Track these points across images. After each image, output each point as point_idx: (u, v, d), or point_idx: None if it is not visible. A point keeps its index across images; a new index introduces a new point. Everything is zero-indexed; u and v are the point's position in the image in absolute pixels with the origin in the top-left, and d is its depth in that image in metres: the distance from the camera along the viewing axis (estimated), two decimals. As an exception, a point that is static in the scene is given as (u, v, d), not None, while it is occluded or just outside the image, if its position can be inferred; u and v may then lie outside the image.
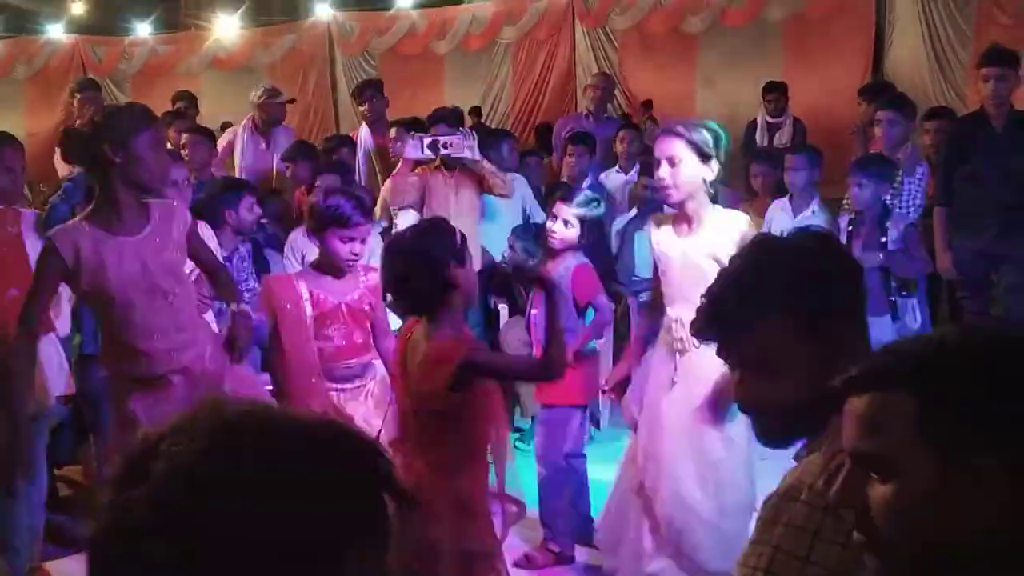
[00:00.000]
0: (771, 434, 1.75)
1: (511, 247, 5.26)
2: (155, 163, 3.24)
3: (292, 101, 7.87)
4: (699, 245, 3.61)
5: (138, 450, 0.94)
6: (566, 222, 4.19)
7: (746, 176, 6.73)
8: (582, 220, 4.21)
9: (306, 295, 3.62)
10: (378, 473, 0.98)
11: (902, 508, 1.17)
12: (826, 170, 6.17)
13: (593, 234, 4.37)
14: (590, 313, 4.27)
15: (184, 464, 0.91)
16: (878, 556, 1.22)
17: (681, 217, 3.68)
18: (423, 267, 2.86)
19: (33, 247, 4.17)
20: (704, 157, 3.59)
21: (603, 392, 4.58)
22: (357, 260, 3.69)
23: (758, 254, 1.84)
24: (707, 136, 3.61)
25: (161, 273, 3.27)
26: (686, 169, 3.58)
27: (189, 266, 3.56)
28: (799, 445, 1.72)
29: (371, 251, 4.35)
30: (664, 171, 3.62)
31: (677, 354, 3.68)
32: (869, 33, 10.12)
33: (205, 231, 4.24)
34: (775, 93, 8.48)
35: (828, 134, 8.18)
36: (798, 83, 8.95)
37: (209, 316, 4.27)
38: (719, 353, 1.79)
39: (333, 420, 1.11)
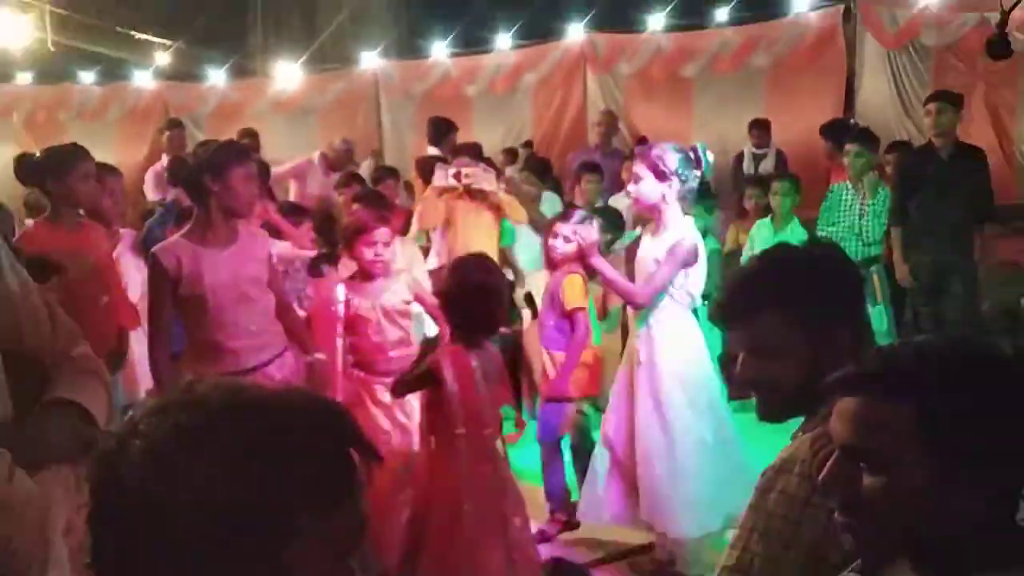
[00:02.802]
0: (770, 410, 1.76)
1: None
2: (245, 193, 3.31)
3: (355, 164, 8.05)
4: (655, 247, 3.72)
5: (122, 428, 0.93)
6: (565, 238, 4.20)
7: (740, 199, 6.77)
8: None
9: (341, 300, 3.67)
10: (343, 432, 0.96)
11: (892, 500, 1.15)
12: (804, 194, 6.20)
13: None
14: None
15: (156, 440, 0.89)
16: (857, 538, 1.21)
17: (651, 223, 3.83)
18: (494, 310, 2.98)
19: (129, 262, 4.27)
20: (660, 175, 3.65)
21: None
22: (380, 259, 3.71)
23: (770, 257, 1.85)
24: (670, 157, 3.66)
25: (247, 282, 3.33)
26: (644, 186, 3.68)
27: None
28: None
29: (409, 262, 4.39)
30: (631, 186, 3.77)
31: (640, 338, 3.76)
32: (841, 77, 10.08)
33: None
34: (759, 129, 8.52)
35: (806, 164, 8.18)
36: (779, 120, 8.97)
37: None
38: (731, 338, 1.80)
39: (299, 389, 1.09)
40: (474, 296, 2.96)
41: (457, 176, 5.43)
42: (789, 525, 1.52)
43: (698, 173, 3.77)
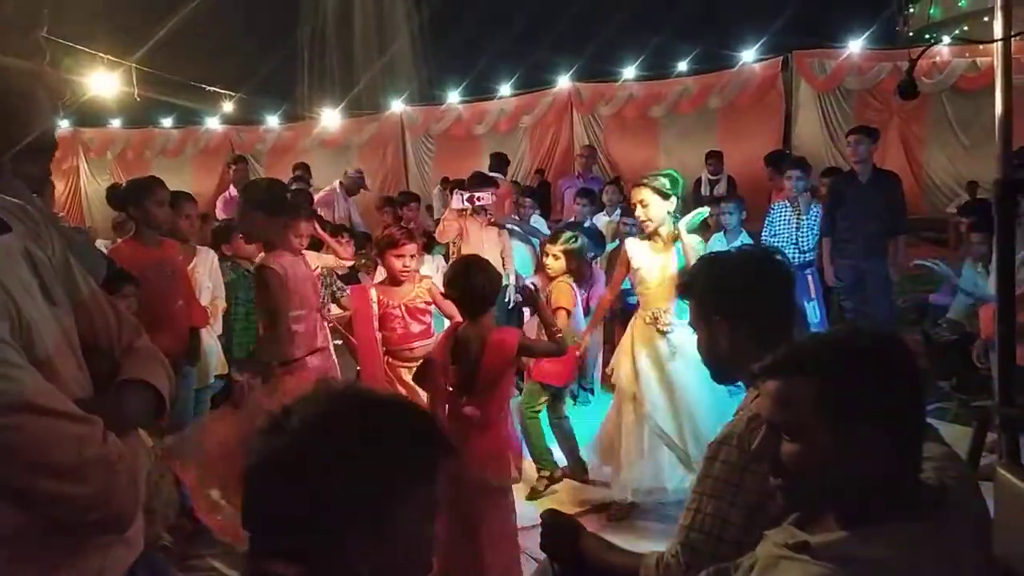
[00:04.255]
0: (712, 374, 1.80)
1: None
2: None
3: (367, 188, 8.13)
4: (671, 258, 3.65)
5: (279, 413, 1.01)
6: (554, 256, 4.18)
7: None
8: (568, 253, 4.17)
9: (375, 299, 3.68)
10: (433, 433, 1.04)
11: (805, 464, 1.16)
12: (750, 211, 6.17)
13: (577, 258, 4.27)
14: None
15: (309, 421, 0.98)
16: (786, 496, 1.22)
17: (657, 238, 3.70)
18: (489, 285, 2.94)
19: (203, 272, 4.26)
20: (664, 196, 3.63)
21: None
22: (409, 271, 3.73)
23: (711, 258, 1.92)
24: (664, 181, 3.64)
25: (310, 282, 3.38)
26: (653, 208, 3.62)
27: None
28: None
29: (434, 271, 4.38)
30: (639, 212, 3.67)
31: (666, 335, 3.65)
32: (780, 116, 10.11)
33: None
34: (714, 158, 8.48)
35: (752, 187, 8.16)
36: (730, 151, 8.95)
37: None
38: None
39: (403, 396, 1.17)
40: (467, 276, 2.93)
41: (471, 199, 5.47)
42: (731, 488, 1.51)
43: (679, 193, 3.74)
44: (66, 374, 1.31)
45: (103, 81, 8.46)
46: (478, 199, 5.44)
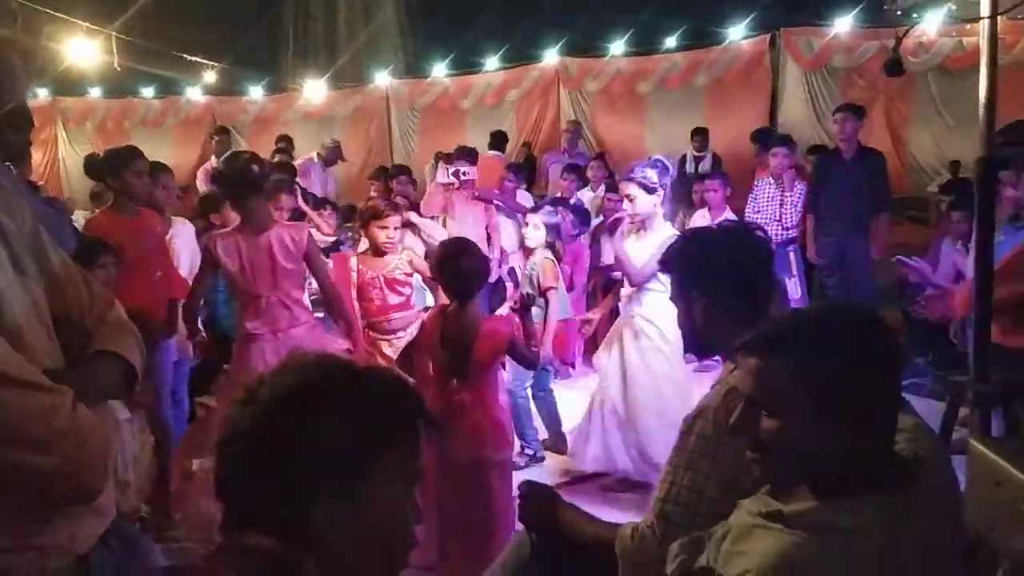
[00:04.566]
0: (691, 347, 1.82)
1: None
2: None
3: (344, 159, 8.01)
4: (642, 246, 3.66)
5: (252, 383, 1.00)
6: (535, 226, 4.22)
7: (688, 193, 6.76)
8: (547, 225, 4.25)
9: (354, 267, 3.67)
10: (413, 404, 1.03)
11: (784, 439, 1.18)
12: (735, 188, 6.18)
13: (552, 233, 4.35)
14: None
15: (278, 391, 0.97)
16: (763, 469, 1.24)
17: (639, 228, 3.73)
18: (478, 270, 2.93)
19: (182, 244, 4.21)
20: (650, 191, 3.63)
21: (579, 332, 4.60)
22: (392, 242, 3.71)
23: (692, 234, 1.95)
24: (651, 174, 3.64)
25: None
26: (640, 203, 3.63)
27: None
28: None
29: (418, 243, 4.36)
30: (627, 205, 3.68)
31: (634, 316, 3.69)
32: (767, 93, 10.06)
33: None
34: (700, 135, 8.46)
35: (737, 164, 8.15)
36: (716, 128, 8.91)
37: None
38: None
39: (385, 368, 1.17)
40: (455, 260, 2.92)
41: (456, 174, 5.45)
42: (706, 460, 1.53)
43: (667, 181, 3.74)
44: (35, 344, 1.30)
45: (82, 49, 8.31)
46: (464, 173, 5.43)
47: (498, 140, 8.43)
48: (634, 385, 3.65)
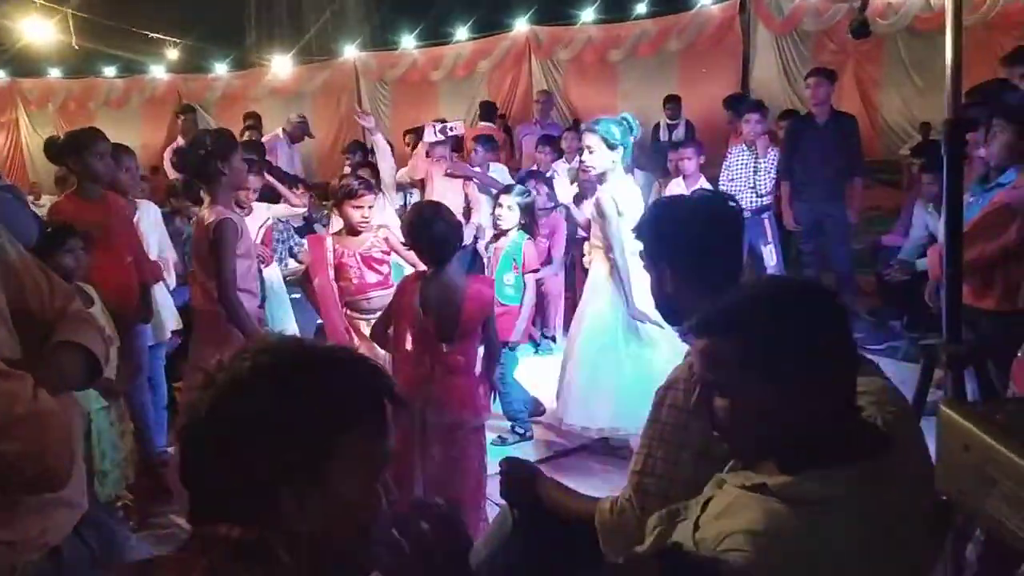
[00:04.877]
0: (661, 313, 1.81)
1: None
2: (243, 173, 3.27)
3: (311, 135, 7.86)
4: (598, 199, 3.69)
5: (211, 367, 0.98)
6: (508, 207, 4.21)
7: (664, 162, 6.75)
8: (520, 205, 4.23)
9: (330, 248, 3.63)
10: (378, 385, 1.01)
11: (737, 417, 1.19)
12: (709, 155, 6.18)
13: (527, 214, 4.34)
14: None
15: (236, 375, 0.95)
16: (728, 443, 1.26)
17: (588, 184, 3.79)
18: (452, 233, 2.93)
19: (149, 226, 4.14)
20: (611, 146, 3.61)
21: None
22: (367, 221, 3.68)
23: (663, 203, 1.94)
24: (614, 130, 3.61)
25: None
26: (597, 155, 3.61)
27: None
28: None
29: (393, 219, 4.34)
30: (585, 156, 3.67)
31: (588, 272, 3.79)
32: (738, 59, 10.06)
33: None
34: (673, 103, 8.43)
35: (710, 131, 8.15)
36: (689, 95, 8.90)
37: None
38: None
39: (349, 348, 1.14)
40: (428, 225, 2.92)
41: (443, 130, 5.43)
42: (679, 430, 1.53)
43: (630, 140, 3.72)
44: None
45: (38, 28, 8.08)
46: (451, 128, 5.42)
47: (488, 111, 8.31)
48: (584, 337, 3.71)
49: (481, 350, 3.13)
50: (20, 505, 1.29)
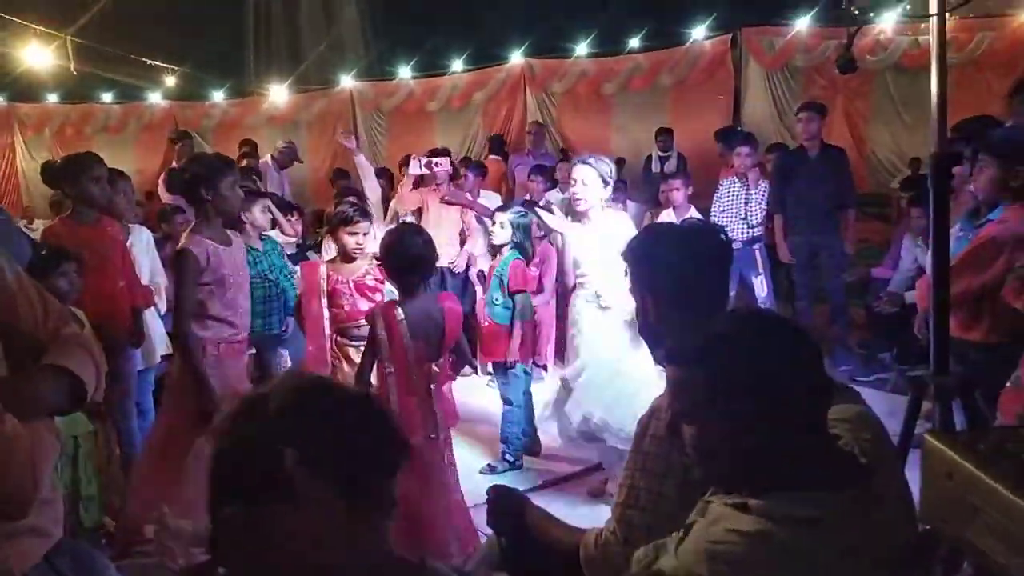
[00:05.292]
0: (645, 339, 1.80)
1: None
2: (233, 198, 3.17)
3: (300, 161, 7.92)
4: (590, 232, 3.70)
5: (254, 396, 1.05)
6: (502, 224, 4.23)
7: (655, 192, 6.80)
8: (513, 224, 4.25)
9: (324, 276, 3.63)
10: (395, 433, 1.09)
11: (705, 445, 1.22)
12: (700, 187, 6.23)
13: (521, 234, 4.34)
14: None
15: (287, 406, 1.02)
16: (700, 468, 1.29)
17: (579, 215, 3.78)
18: (427, 256, 3.01)
19: (141, 251, 4.13)
20: (604, 183, 3.67)
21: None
22: (362, 249, 3.69)
23: (650, 230, 1.93)
24: (606, 168, 3.68)
25: (243, 273, 3.25)
26: (592, 189, 3.65)
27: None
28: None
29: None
30: (579, 188, 3.69)
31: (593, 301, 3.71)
32: (730, 93, 10.19)
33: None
34: (665, 135, 8.53)
35: (702, 163, 8.23)
36: (681, 128, 9.00)
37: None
38: None
39: (370, 394, 1.23)
40: (401, 248, 2.97)
41: (428, 165, 5.46)
42: (661, 459, 1.53)
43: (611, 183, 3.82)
44: None
45: (37, 54, 8.14)
46: (436, 164, 5.43)
47: (498, 144, 8.47)
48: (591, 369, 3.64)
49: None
50: None
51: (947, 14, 2.18)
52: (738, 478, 1.22)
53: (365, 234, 3.70)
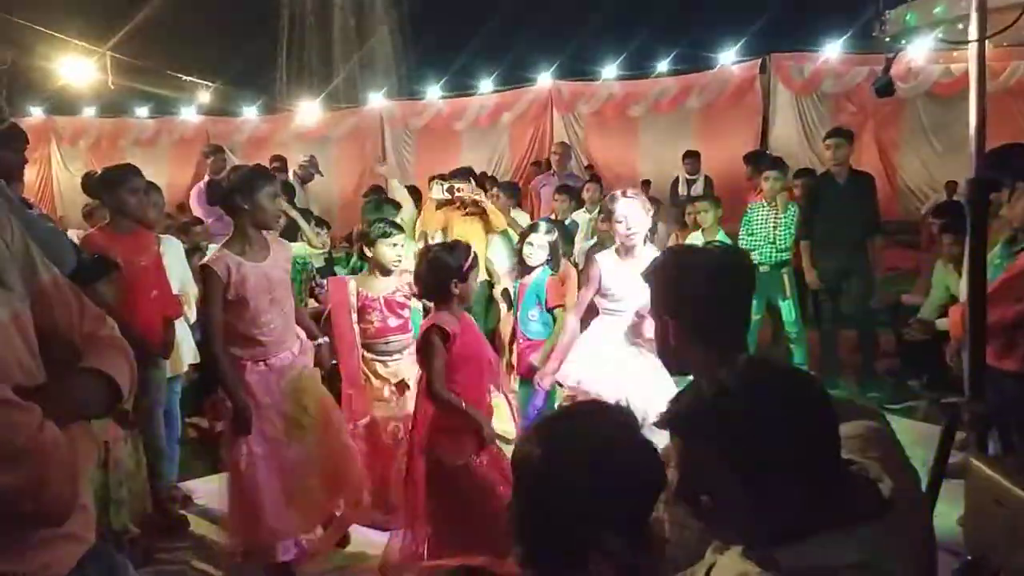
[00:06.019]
0: (664, 363, 1.74)
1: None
2: (271, 209, 3.11)
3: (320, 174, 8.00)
4: (637, 267, 3.66)
5: (533, 431, 1.33)
6: (541, 246, 4.19)
7: (681, 214, 6.79)
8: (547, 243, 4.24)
9: (353, 291, 3.64)
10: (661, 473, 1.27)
11: (720, 510, 1.16)
12: (727, 210, 6.20)
13: (551, 250, 4.30)
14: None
15: (551, 441, 1.29)
16: (714, 534, 1.27)
17: (627, 251, 3.71)
18: (436, 274, 2.93)
19: (173, 262, 4.18)
20: (647, 211, 3.68)
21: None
22: (400, 261, 3.69)
23: (674, 252, 1.83)
24: (648, 203, 3.70)
25: (278, 286, 3.15)
26: (639, 225, 3.64)
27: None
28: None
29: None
30: (631, 225, 3.65)
31: (631, 333, 3.63)
32: (758, 117, 10.17)
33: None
34: (692, 158, 8.50)
35: (729, 187, 8.20)
36: (708, 151, 8.98)
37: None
38: None
39: (640, 440, 1.34)
40: (435, 265, 2.94)
41: (450, 190, 5.46)
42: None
43: None
44: (9, 359, 1.27)
45: (76, 68, 8.33)
46: (458, 189, 5.44)
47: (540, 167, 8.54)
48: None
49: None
50: (24, 538, 1.26)
51: (986, 40, 2.17)
52: (752, 536, 1.18)
53: (402, 245, 3.72)
